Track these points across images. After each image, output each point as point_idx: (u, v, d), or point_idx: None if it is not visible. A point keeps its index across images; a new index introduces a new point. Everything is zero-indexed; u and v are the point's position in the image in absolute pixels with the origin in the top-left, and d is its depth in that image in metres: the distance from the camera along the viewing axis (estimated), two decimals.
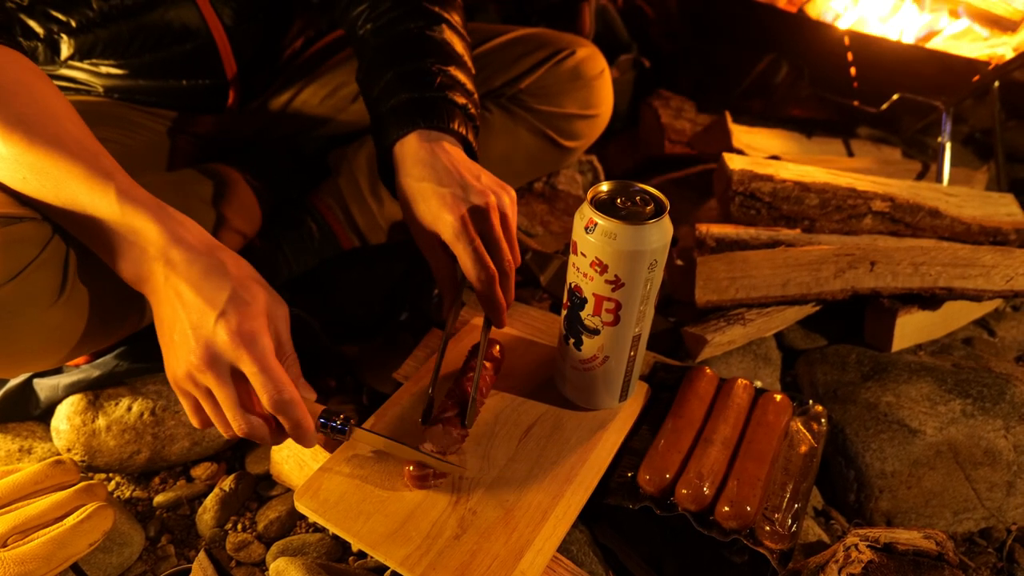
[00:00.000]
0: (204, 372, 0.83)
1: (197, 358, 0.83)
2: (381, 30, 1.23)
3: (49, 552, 0.92)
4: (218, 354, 0.83)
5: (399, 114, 1.13)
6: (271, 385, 0.84)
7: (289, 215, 1.49)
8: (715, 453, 1.07)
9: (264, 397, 0.84)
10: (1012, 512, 1.21)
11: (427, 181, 1.08)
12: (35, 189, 0.86)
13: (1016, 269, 1.45)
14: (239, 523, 1.14)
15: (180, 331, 0.84)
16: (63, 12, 1.17)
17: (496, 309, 1.12)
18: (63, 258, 0.93)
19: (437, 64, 1.17)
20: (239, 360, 0.83)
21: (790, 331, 1.51)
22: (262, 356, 0.84)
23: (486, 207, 1.07)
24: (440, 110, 1.13)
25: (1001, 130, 1.97)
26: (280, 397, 0.85)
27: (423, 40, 1.20)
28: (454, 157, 1.10)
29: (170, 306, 0.85)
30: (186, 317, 0.83)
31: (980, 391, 1.28)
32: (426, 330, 1.34)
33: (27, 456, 1.20)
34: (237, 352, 0.83)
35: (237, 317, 0.83)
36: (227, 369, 0.84)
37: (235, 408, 0.85)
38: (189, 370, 0.84)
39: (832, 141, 2.04)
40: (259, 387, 0.84)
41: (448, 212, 1.05)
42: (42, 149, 0.85)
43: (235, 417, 0.86)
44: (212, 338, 0.83)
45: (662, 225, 0.96)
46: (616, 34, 2.41)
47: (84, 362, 1.24)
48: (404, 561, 0.90)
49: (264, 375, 0.84)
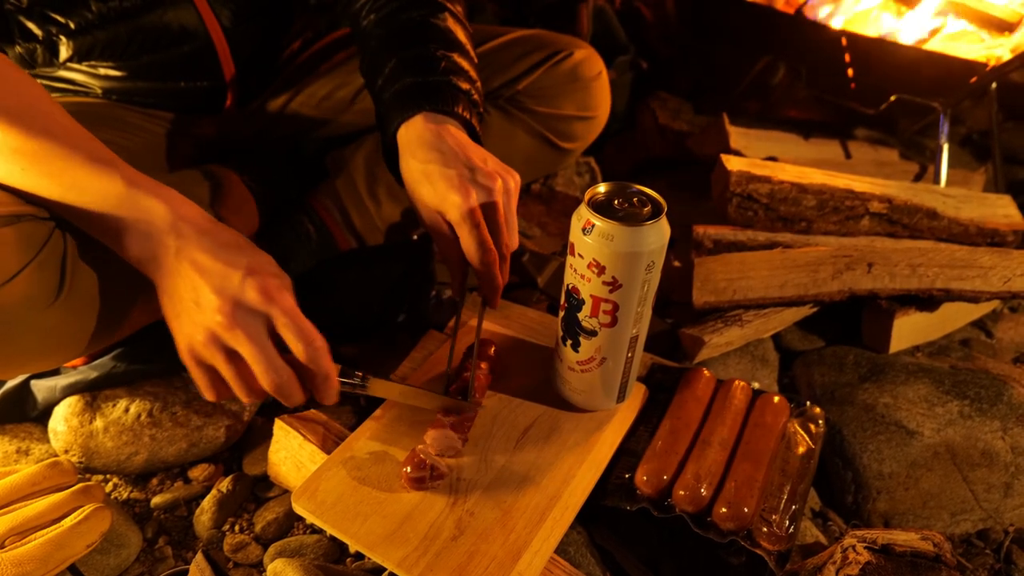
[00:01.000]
0: (232, 329, 0.84)
1: (224, 316, 0.83)
2: (384, 20, 1.23)
3: (46, 553, 0.92)
4: (249, 309, 0.84)
5: (403, 98, 1.13)
6: (304, 334, 0.86)
7: (287, 216, 1.49)
8: (713, 454, 1.07)
9: (299, 346, 0.86)
10: (1009, 513, 1.21)
11: (433, 163, 1.07)
12: (35, 180, 0.87)
13: (1013, 270, 1.45)
14: (237, 524, 1.14)
15: (201, 296, 0.84)
16: (61, 14, 1.17)
17: (493, 289, 1.12)
18: (60, 258, 0.92)
19: (441, 50, 1.17)
20: (271, 311, 0.85)
21: (788, 332, 1.52)
22: (291, 309, 0.86)
23: (492, 190, 1.07)
24: (444, 94, 1.13)
25: (998, 131, 1.97)
26: (313, 344, 0.87)
27: (426, 27, 1.20)
28: (460, 139, 1.10)
29: (184, 277, 0.85)
30: (206, 282, 0.84)
31: (978, 392, 1.28)
32: (424, 331, 1.34)
33: (25, 457, 1.20)
34: (268, 305, 0.85)
35: (263, 275, 0.86)
36: (258, 322, 0.85)
37: (268, 361, 0.86)
38: (213, 331, 0.84)
39: (830, 142, 2.04)
40: (292, 337, 0.86)
41: (455, 193, 1.05)
42: (42, 139, 0.85)
43: (267, 370, 0.86)
44: (240, 295, 0.84)
45: (659, 226, 0.96)
46: (614, 36, 2.41)
47: (82, 363, 1.24)
48: (401, 562, 0.90)
49: (296, 325, 0.86)
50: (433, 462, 0.99)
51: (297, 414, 1.15)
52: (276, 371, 0.86)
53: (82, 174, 0.85)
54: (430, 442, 1.02)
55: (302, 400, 0.92)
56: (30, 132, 0.85)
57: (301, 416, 1.15)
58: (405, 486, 0.99)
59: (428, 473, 0.98)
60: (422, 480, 0.98)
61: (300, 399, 0.91)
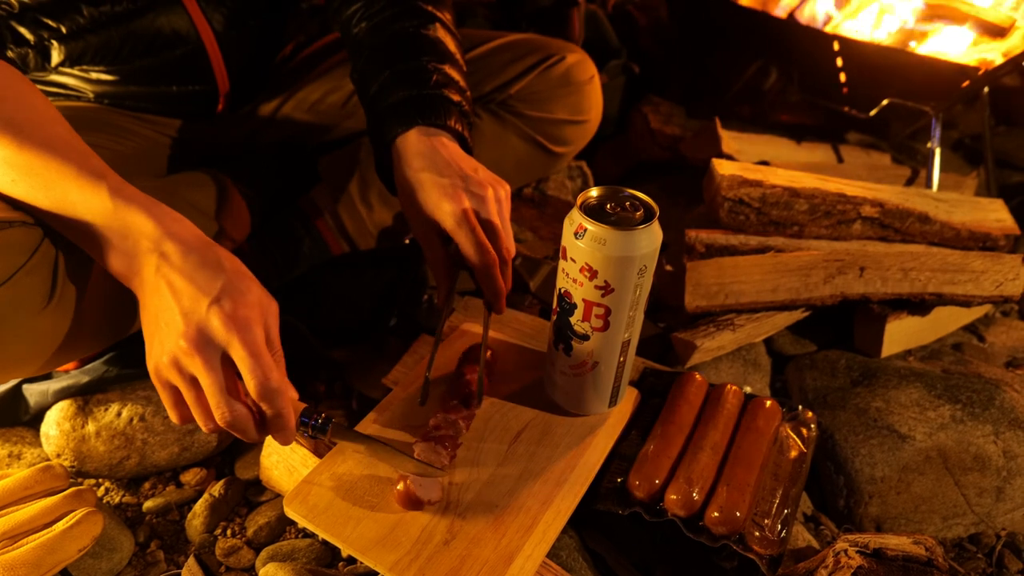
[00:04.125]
0: (192, 355, 0.82)
1: (187, 341, 0.82)
2: (376, 29, 1.24)
3: (38, 558, 0.92)
4: (210, 337, 0.82)
5: (398, 111, 1.15)
6: (259, 371, 0.83)
7: (279, 221, 1.49)
8: (705, 459, 1.07)
9: (252, 383, 0.84)
10: (1001, 518, 1.22)
11: (427, 172, 1.10)
12: (24, 191, 0.86)
13: (1005, 274, 1.46)
14: (228, 528, 1.14)
15: (169, 317, 0.83)
16: (54, 19, 1.17)
17: (497, 294, 1.14)
18: (52, 264, 0.92)
19: (432, 62, 1.19)
20: (230, 344, 0.83)
21: (780, 337, 1.52)
22: (253, 342, 0.84)
23: (484, 198, 1.09)
24: (437, 107, 1.15)
25: (990, 135, 1.98)
26: (267, 384, 0.84)
27: (418, 39, 1.22)
28: (452, 151, 1.13)
29: (159, 295, 0.84)
30: (177, 304, 0.83)
31: (970, 397, 1.29)
32: (415, 336, 1.34)
33: (16, 461, 1.20)
34: (229, 336, 0.82)
35: (231, 303, 0.83)
36: (216, 353, 0.83)
37: (220, 394, 0.84)
38: (175, 355, 0.83)
39: (822, 146, 2.04)
40: (247, 372, 0.83)
41: (449, 201, 1.08)
42: (32, 151, 0.85)
43: (219, 404, 0.84)
44: (205, 321, 0.82)
45: (652, 231, 0.96)
46: (606, 40, 2.41)
47: (73, 368, 1.23)
48: (393, 566, 0.90)
49: (253, 360, 0.83)
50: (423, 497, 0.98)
51: None
52: (228, 405, 0.84)
53: (71, 187, 0.85)
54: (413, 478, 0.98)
55: (257, 440, 0.91)
56: (22, 143, 0.85)
57: None
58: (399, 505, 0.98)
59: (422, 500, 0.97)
60: (418, 503, 0.97)
61: (254, 438, 0.89)
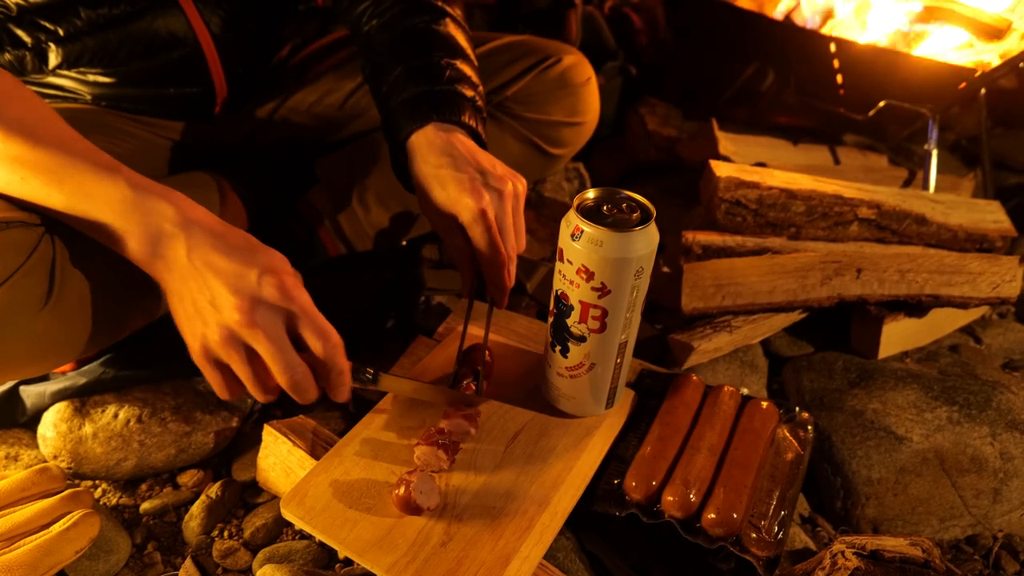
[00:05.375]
0: (251, 327, 0.84)
1: (243, 314, 0.83)
2: (386, 26, 1.24)
3: (35, 559, 0.92)
4: (268, 306, 0.85)
5: (412, 108, 1.15)
6: (322, 330, 0.87)
7: (276, 222, 1.49)
8: (701, 460, 1.07)
9: (317, 343, 0.87)
10: (998, 519, 1.22)
11: (446, 167, 1.10)
12: (34, 188, 0.87)
13: (1002, 276, 1.46)
14: (225, 530, 1.14)
15: (217, 296, 0.84)
16: (51, 21, 1.17)
17: (501, 290, 1.14)
18: (49, 264, 0.92)
19: (445, 58, 1.19)
20: (291, 307, 0.86)
21: (776, 338, 1.52)
22: (309, 305, 0.87)
23: (503, 192, 1.10)
24: (451, 103, 1.15)
25: (987, 137, 1.98)
26: (331, 342, 0.88)
27: (429, 35, 1.22)
28: (469, 146, 1.13)
29: (198, 278, 0.85)
30: (223, 282, 0.84)
31: (966, 398, 1.29)
32: (412, 337, 1.34)
33: (13, 463, 1.19)
34: (288, 302, 0.85)
35: (275, 274, 0.86)
36: (275, 320, 0.86)
37: (284, 360, 0.86)
38: (232, 330, 0.84)
39: (818, 148, 2.04)
40: (311, 333, 0.87)
41: (468, 196, 1.07)
42: (45, 148, 0.85)
43: (285, 368, 0.86)
44: (258, 293, 0.84)
45: (648, 232, 0.96)
46: (602, 41, 2.41)
47: (71, 369, 1.23)
48: (390, 568, 0.90)
49: (315, 320, 0.87)
50: (423, 504, 0.98)
51: (286, 420, 1.15)
52: (293, 369, 0.87)
53: (87, 180, 0.85)
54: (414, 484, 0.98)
55: (316, 397, 0.92)
56: (35, 142, 0.85)
57: (290, 422, 1.14)
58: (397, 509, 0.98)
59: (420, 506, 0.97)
60: (418, 510, 0.97)
61: (315, 396, 0.92)
